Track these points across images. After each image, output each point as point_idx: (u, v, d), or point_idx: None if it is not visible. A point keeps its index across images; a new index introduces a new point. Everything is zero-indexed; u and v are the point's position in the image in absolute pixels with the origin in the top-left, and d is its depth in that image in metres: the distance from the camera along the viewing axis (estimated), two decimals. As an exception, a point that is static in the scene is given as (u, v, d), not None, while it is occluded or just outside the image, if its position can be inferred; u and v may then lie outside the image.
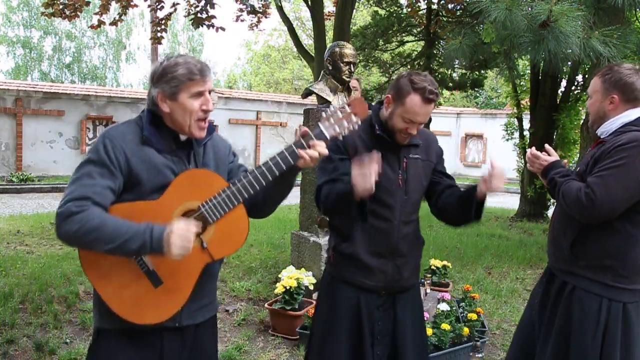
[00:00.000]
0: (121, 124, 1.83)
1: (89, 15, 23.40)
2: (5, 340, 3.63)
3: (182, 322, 1.85)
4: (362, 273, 2.25)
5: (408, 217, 2.26)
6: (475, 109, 22.39)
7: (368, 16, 15.42)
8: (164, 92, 1.77)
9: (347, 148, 2.22)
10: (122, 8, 9.34)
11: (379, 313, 2.26)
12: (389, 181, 2.20)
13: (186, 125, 1.80)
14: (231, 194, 1.78)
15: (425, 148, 2.33)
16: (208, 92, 1.82)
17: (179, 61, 1.78)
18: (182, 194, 1.76)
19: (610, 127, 2.29)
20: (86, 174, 1.70)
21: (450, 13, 10.05)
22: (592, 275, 2.22)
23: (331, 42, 6.49)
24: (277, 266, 5.50)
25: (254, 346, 3.79)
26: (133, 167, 1.74)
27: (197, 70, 1.77)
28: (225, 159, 2.00)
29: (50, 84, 16.13)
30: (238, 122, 16.51)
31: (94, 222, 1.62)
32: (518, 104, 11.29)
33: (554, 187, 2.29)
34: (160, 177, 1.77)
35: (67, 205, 1.65)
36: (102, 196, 1.68)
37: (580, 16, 3.90)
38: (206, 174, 1.83)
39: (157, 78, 1.79)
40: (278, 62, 29.54)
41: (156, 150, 1.78)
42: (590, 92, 2.40)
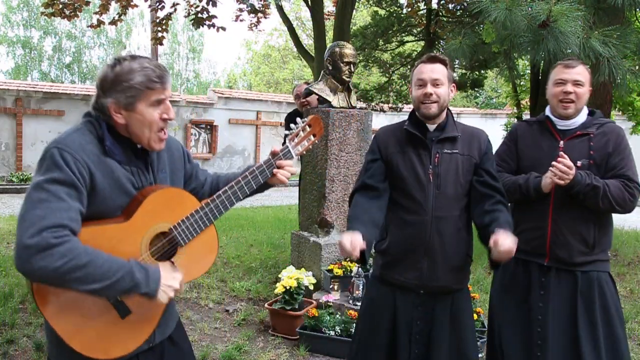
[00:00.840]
0: (73, 133, 1.58)
1: (88, 15, 23.37)
2: (5, 340, 3.63)
3: (156, 340, 1.76)
4: (396, 269, 2.26)
5: (445, 212, 2.21)
6: (475, 109, 22.40)
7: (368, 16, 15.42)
8: (118, 103, 1.58)
9: (380, 147, 2.32)
10: (121, 8, 9.34)
11: (418, 312, 2.24)
12: (418, 176, 2.22)
13: (145, 138, 1.63)
14: (204, 215, 1.72)
15: (467, 142, 2.28)
16: (168, 100, 1.66)
17: (134, 67, 1.58)
18: (154, 215, 1.62)
19: (581, 118, 2.47)
20: (54, 195, 1.44)
21: (450, 13, 10.04)
22: (604, 256, 2.47)
23: (331, 42, 6.49)
24: (277, 266, 5.50)
25: (254, 346, 3.79)
26: (97, 183, 1.54)
27: (157, 77, 1.59)
28: (180, 163, 1.86)
29: (50, 84, 16.12)
30: (238, 122, 16.49)
31: (81, 259, 1.41)
32: (518, 104, 11.29)
33: (596, 192, 2.31)
34: (122, 192, 1.61)
35: (43, 236, 1.39)
36: (77, 223, 1.47)
37: (580, 16, 3.90)
38: (178, 193, 1.71)
39: (109, 86, 1.58)
40: (278, 62, 29.53)
41: (117, 162, 1.60)
42: (583, 80, 2.43)
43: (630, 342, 4.08)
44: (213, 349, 3.68)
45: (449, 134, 2.25)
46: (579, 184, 2.31)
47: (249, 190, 1.84)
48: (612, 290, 2.47)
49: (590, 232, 2.41)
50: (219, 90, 17.92)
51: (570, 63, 2.46)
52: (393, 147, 2.29)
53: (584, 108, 2.50)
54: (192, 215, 1.70)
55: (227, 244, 6.59)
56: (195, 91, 33.25)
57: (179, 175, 1.85)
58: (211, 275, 5.19)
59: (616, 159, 2.39)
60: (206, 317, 4.29)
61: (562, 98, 2.43)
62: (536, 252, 2.50)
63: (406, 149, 2.27)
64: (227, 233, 7.29)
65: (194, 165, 1.95)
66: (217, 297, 4.67)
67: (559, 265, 2.45)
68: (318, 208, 4.58)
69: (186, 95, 16.86)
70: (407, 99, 11.16)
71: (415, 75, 2.25)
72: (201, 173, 1.98)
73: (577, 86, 2.41)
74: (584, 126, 2.46)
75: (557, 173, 2.31)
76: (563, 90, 2.42)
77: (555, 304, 2.43)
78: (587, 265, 2.43)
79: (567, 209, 2.42)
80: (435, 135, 2.26)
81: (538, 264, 2.49)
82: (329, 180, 4.50)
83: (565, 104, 2.43)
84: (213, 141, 15.88)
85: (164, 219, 1.65)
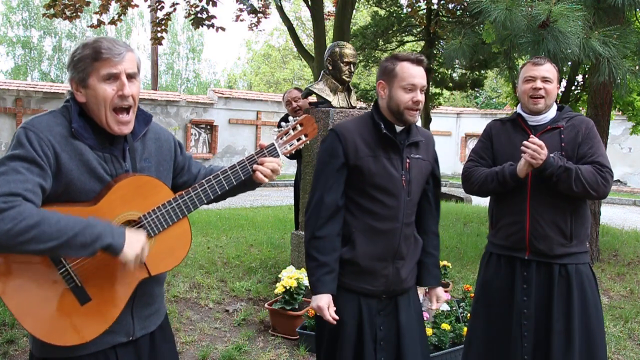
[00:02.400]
0: (45, 114, 1.57)
1: (88, 15, 23.39)
2: (5, 340, 3.63)
3: (136, 334, 1.71)
4: (363, 279, 2.18)
5: (409, 218, 2.22)
6: (475, 109, 22.40)
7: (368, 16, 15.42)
8: (73, 79, 1.57)
9: (347, 151, 2.14)
10: (121, 8, 9.34)
11: (381, 318, 2.20)
12: (393, 182, 2.14)
13: (102, 117, 1.57)
14: (177, 206, 1.65)
15: (426, 148, 2.28)
16: (126, 76, 1.57)
17: (88, 41, 1.57)
18: (123, 202, 1.58)
19: (551, 114, 2.56)
20: (12, 169, 1.44)
21: (450, 13, 10.04)
22: (582, 248, 2.52)
23: (331, 42, 6.49)
24: (277, 266, 5.50)
25: (254, 346, 3.79)
26: (63, 164, 1.51)
27: (105, 49, 1.53)
28: (169, 154, 1.80)
29: (50, 84, 16.14)
30: (238, 122, 16.51)
31: (32, 219, 1.39)
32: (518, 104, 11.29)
33: (569, 174, 2.35)
34: (93, 176, 1.56)
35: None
36: (33, 194, 1.44)
37: (579, 16, 3.90)
38: (151, 182, 1.65)
39: (68, 63, 1.60)
40: (278, 62, 29.54)
41: (88, 146, 1.56)
42: (551, 77, 2.52)
43: (630, 342, 4.09)
44: (213, 349, 3.68)
45: (415, 138, 2.19)
46: (552, 166, 2.35)
47: (227, 185, 1.76)
48: (592, 282, 2.52)
49: (567, 223, 2.46)
50: (219, 90, 17.92)
51: (539, 61, 2.54)
52: (363, 150, 2.13)
53: (553, 104, 2.58)
54: (164, 205, 1.63)
55: (227, 244, 6.59)
56: (195, 91, 33.27)
57: (166, 167, 1.78)
58: (211, 275, 5.19)
59: (585, 147, 2.46)
60: (206, 317, 4.29)
61: (532, 94, 2.51)
62: (516, 247, 2.54)
63: (377, 153, 2.14)
64: (227, 233, 7.28)
65: (186, 157, 1.88)
66: (217, 297, 4.67)
67: (540, 258, 2.50)
68: (318, 208, 4.57)
69: (186, 95, 16.87)
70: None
71: (405, 76, 2.10)
72: (194, 166, 1.91)
73: (545, 82, 2.49)
74: (554, 120, 2.54)
75: (528, 151, 2.36)
76: (532, 87, 2.50)
77: (536, 297, 2.49)
78: (565, 257, 2.48)
79: (544, 201, 2.47)
80: (402, 138, 2.18)
81: (519, 258, 2.54)
82: (329, 180, 4.49)
83: (535, 99, 2.51)
84: (213, 141, 15.89)
85: (134, 207, 1.59)
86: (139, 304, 1.71)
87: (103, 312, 1.58)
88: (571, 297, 2.45)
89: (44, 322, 1.52)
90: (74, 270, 1.54)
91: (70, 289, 1.54)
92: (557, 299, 2.45)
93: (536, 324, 2.47)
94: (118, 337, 1.66)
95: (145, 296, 1.73)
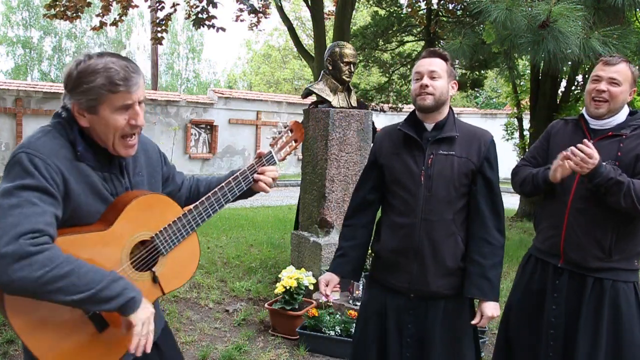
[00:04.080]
0: (43, 137, 1.47)
1: (88, 15, 23.40)
2: (5, 340, 3.63)
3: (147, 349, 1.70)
4: (387, 272, 2.24)
5: (435, 216, 2.13)
6: (475, 109, 22.40)
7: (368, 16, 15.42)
8: (80, 105, 1.48)
9: (376, 151, 2.32)
10: (122, 8, 9.34)
11: (409, 317, 2.19)
12: (410, 177, 2.17)
13: (110, 143, 1.52)
14: (187, 222, 1.66)
15: (466, 144, 2.17)
16: (138, 104, 1.52)
17: (98, 67, 1.45)
18: (134, 224, 1.55)
19: (618, 118, 2.36)
20: (26, 201, 1.34)
21: (450, 13, 10.04)
22: (625, 265, 2.32)
23: (331, 42, 6.49)
24: (277, 266, 5.50)
25: (254, 346, 3.79)
26: (71, 189, 1.45)
27: (120, 80, 1.45)
28: (158, 165, 1.79)
29: (50, 84, 16.11)
30: (238, 122, 16.50)
31: (63, 268, 1.33)
32: (518, 104, 11.30)
33: (619, 188, 2.17)
34: (98, 198, 1.53)
35: (20, 243, 1.29)
36: (53, 228, 1.38)
37: (579, 16, 3.90)
38: (159, 200, 1.64)
39: (72, 86, 1.47)
40: (278, 62, 29.54)
41: (90, 167, 1.52)
42: (621, 79, 2.30)
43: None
44: (213, 349, 3.68)
45: (446, 134, 2.16)
46: (601, 176, 2.17)
47: (232, 196, 1.80)
48: (630, 301, 2.31)
49: (607, 237, 2.29)
50: (219, 90, 17.91)
51: (610, 60, 2.34)
52: (387, 149, 2.27)
53: (623, 108, 2.36)
54: (175, 223, 1.63)
55: (227, 244, 6.59)
56: (195, 91, 33.27)
57: (157, 178, 1.77)
58: (211, 275, 5.19)
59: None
60: (206, 317, 4.29)
61: (595, 96, 2.33)
62: (551, 252, 2.44)
63: (400, 151, 2.22)
64: (227, 233, 7.28)
65: (170, 168, 1.88)
66: (217, 297, 4.67)
67: (573, 268, 2.37)
68: (318, 208, 4.58)
69: (186, 95, 16.86)
70: (407, 99, 11.17)
71: (414, 69, 2.22)
72: (178, 176, 1.91)
73: (612, 85, 2.30)
74: (620, 127, 2.33)
75: (574, 159, 2.17)
76: (596, 88, 2.32)
77: (566, 308, 2.38)
78: (603, 272, 2.31)
79: (585, 210, 2.33)
80: (432, 135, 2.18)
81: (553, 265, 2.43)
82: (329, 180, 4.50)
83: (597, 102, 2.33)
84: (213, 141, 15.88)
85: (145, 227, 1.58)
86: None
87: (120, 336, 1.55)
88: (601, 314, 2.29)
89: (65, 357, 1.46)
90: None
91: (89, 318, 1.50)
92: (586, 314, 2.31)
93: (564, 335, 2.37)
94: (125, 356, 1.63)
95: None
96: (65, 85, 1.50)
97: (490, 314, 2.13)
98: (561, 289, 2.40)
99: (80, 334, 1.49)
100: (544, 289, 2.46)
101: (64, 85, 1.51)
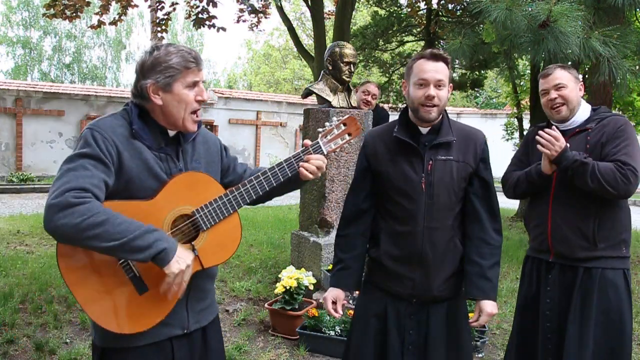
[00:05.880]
0: (108, 117, 1.70)
1: (88, 15, 23.40)
2: (5, 340, 3.63)
3: (190, 327, 1.79)
4: (389, 279, 2.18)
5: (437, 222, 2.10)
6: (475, 109, 22.41)
7: (368, 16, 15.42)
8: (157, 83, 1.66)
9: (368, 157, 2.22)
10: (122, 8, 9.34)
11: (411, 322, 2.16)
12: (411, 185, 2.09)
13: (180, 119, 1.70)
14: (227, 202, 1.74)
15: (462, 147, 2.13)
16: (202, 82, 1.74)
17: (171, 50, 1.68)
18: (177, 197, 1.67)
19: (581, 116, 2.51)
20: (80, 165, 1.56)
21: (450, 13, 10.04)
22: (612, 253, 2.42)
23: (331, 42, 6.49)
24: (277, 266, 5.50)
25: (254, 346, 3.80)
26: (124, 162, 1.62)
27: (193, 59, 1.69)
28: (216, 156, 1.91)
29: (50, 84, 16.13)
30: (238, 122, 16.51)
31: (99, 217, 1.49)
32: (518, 104, 11.31)
33: (584, 169, 2.30)
34: (151, 174, 1.67)
35: (65, 196, 1.49)
36: (99, 189, 1.55)
37: (580, 16, 3.90)
38: (203, 178, 1.75)
39: (148, 68, 1.67)
40: (278, 62, 29.54)
41: (146, 146, 1.68)
42: (564, 82, 2.48)
43: (630, 342, 4.07)
44: (213, 349, 3.68)
45: (443, 139, 2.09)
46: (567, 159, 2.32)
47: (275, 181, 1.84)
48: (619, 288, 2.40)
49: (589, 226, 2.39)
50: (219, 90, 17.91)
51: (546, 71, 2.53)
52: (382, 156, 2.17)
53: (582, 105, 2.53)
54: (216, 200, 1.72)
55: (227, 244, 6.58)
56: (195, 91, 33.20)
57: (215, 168, 1.88)
58: (211, 275, 5.19)
59: (610, 146, 2.39)
60: (206, 317, 4.29)
61: (551, 105, 2.50)
62: (541, 248, 2.54)
63: (397, 158, 2.13)
64: (227, 233, 7.28)
65: (231, 159, 1.98)
66: (217, 297, 4.66)
67: (563, 261, 2.47)
68: (318, 208, 4.58)
69: (186, 95, 16.85)
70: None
71: (417, 72, 2.07)
72: (239, 166, 2.00)
73: (559, 90, 2.47)
74: (585, 123, 2.50)
75: (542, 141, 2.35)
76: (548, 99, 2.50)
77: (559, 300, 2.47)
78: (591, 261, 2.41)
79: (565, 202, 2.45)
80: (429, 139, 2.12)
81: (545, 260, 2.53)
82: (329, 180, 4.50)
83: (555, 109, 2.49)
84: (213, 141, 15.90)
85: (188, 201, 1.69)
86: (193, 298, 1.79)
87: (159, 302, 1.65)
88: (589, 302, 2.38)
89: (106, 311, 1.61)
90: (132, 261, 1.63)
91: (130, 279, 1.63)
92: (575, 303, 2.40)
93: (558, 326, 2.45)
94: (174, 329, 1.74)
95: (198, 291, 1.81)
96: (140, 71, 1.69)
97: (489, 311, 2.11)
98: (553, 282, 2.49)
99: (120, 293, 1.62)
100: (539, 284, 2.55)
101: (138, 70, 1.70)
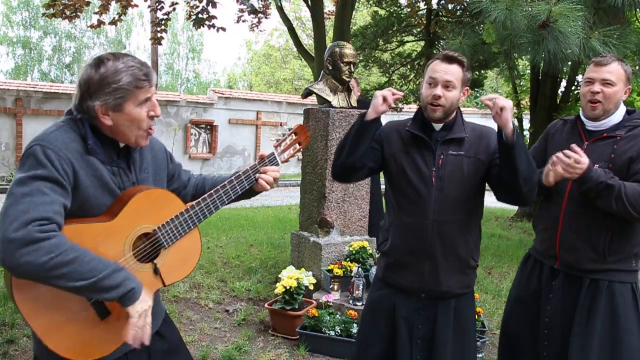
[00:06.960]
0: (55, 130, 1.54)
1: (88, 15, 23.41)
2: (5, 340, 3.63)
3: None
4: (398, 272, 2.22)
5: (447, 216, 2.13)
6: (476, 109, 22.40)
7: (368, 16, 15.42)
8: (106, 105, 1.54)
9: (383, 141, 2.25)
10: (121, 8, 9.34)
11: (420, 317, 2.18)
12: (421, 178, 2.15)
13: (133, 137, 1.61)
14: (189, 217, 1.71)
15: (474, 144, 2.17)
16: (154, 96, 1.64)
17: (120, 67, 1.54)
18: (138, 215, 1.61)
19: (613, 119, 2.33)
20: (37, 190, 1.42)
21: (450, 13, 10.03)
22: (622, 266, 2.31)
23: (331, 42, 6.49)
24: (277, 266, 5.50)
25: (254, 346, 3.79)
26: (80, 181, 1.52)
27: (144, 76, 1.57)
28: (163, 163, 1.86)
29: (50, 84, 16.11)
30: (238, 122, 16.49)
31: (67, 255, 1.40)
32: (518, 104, 11.30)
33: (610, 192, 2.14)
34: (106, 190, 1.59)
35: (28, 229, 1.36)
36: (61, 216, 1.45)
37: (580, 16, 3.91)
38: (163, 195, 1.70)
39: (95, 89, 1.54)
40: (279, 62, 29.53)
41: (100, 161, 1.58)
42: (614, 79, 2.28)
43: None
44: (213, 349, 3.68)
45: (455, 135, 2.15)
46: (591, 181, 2.14)
47: (234, 194, 1.86)
48: (628, 303, 2.30)
49: (600, 238, 2.28)
50: (219, 90, 17.91)
51: (601, 60, 2.31)
52: (397, 146, 2.22)
53: (619, 108, 2.34)
54: (177, 217, 1.69)
55: (227, 244, 6.58)
56: (195, 91, 33.25)
57: (162, 176, 1.83)
58: (211, 275, 5.19)
59: (639, 165, 2.20)
60: (206, 317, 4.29)
61: (590, 98, 2.31)
62: (547, 253, 2.45)
63: (410, 150, 2.19)
64: (227, 233, 7.28)
65: (176, 166, 1.94)
66: (217, 297, 4.67)
67: (569, 270, 2.37)
68: (318, 208, 4.58)
69: (186, 95, 16.85)
70: (407, 99, 11.17)
71: (429, 72, 2.13)
72: (184, 174, 1.97)
73: (605, 86, 2.27)
74: (615, 128, 2.32)
75: (561, 164, 2.15)
76: (590, 90, 2.30)
77: (561, 309, 2.38)
78: (598, 273, 2.31)
79: (579, 212, 2.32)
80: (441, 135, 2.17)
81: (550, 266, 2.45)
82: (329, 180, 4.49)
83: (592, 104, 2.31)
84: (213, 141, 15.87)
85: (149, 220, 1.64)
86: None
87: (121, 325, 1.58)
88: (594, 315, 2.28)
89: (66, 340, 1.53)
90: None
91: (91, 304, 1.56)
92: (580, 314, 2.32)
93: (560, 335, 2.37)
94: (130, 345, 1.64)
95: (154, 305, 1.74)
96: (85, 90, 1.55)
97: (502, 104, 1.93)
98: (557, 290, 2.41)
99: (82, 320, 1.55)
100: (541, 289, 2.48)
101: (82, 89, 1.56)
